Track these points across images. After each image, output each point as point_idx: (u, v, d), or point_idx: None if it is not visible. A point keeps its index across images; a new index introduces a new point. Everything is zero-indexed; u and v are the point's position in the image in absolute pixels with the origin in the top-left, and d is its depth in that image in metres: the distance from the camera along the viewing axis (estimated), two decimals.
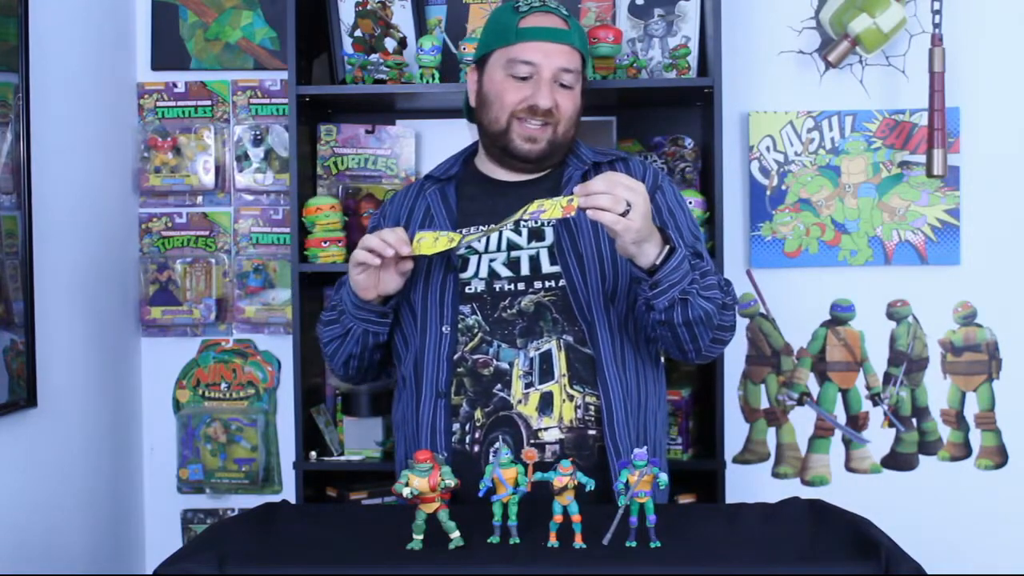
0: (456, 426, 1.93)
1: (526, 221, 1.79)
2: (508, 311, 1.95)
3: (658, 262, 1.78)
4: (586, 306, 1.93)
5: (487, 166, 2.09)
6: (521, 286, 1.95)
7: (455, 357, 1.95)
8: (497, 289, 1.95)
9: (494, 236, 1.99)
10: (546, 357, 1.93)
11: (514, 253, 1.97)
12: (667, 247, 1.79)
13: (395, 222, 2.08)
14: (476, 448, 1.91)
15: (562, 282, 1.95)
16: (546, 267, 1.96)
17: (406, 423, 2.01)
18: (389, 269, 1.90)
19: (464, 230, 1.97)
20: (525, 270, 1.96)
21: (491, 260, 1.97)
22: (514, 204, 1.84)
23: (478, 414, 1.93)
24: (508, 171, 2.05)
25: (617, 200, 1.70)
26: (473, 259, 1.98)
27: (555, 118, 1.98)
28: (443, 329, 1.95)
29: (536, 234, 1.99)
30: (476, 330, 1.95)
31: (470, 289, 1.96)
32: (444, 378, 1.93)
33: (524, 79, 1.97)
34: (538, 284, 1.95)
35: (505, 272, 1.97)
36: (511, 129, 1.98)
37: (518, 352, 1.93)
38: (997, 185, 2.80)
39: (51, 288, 2.35)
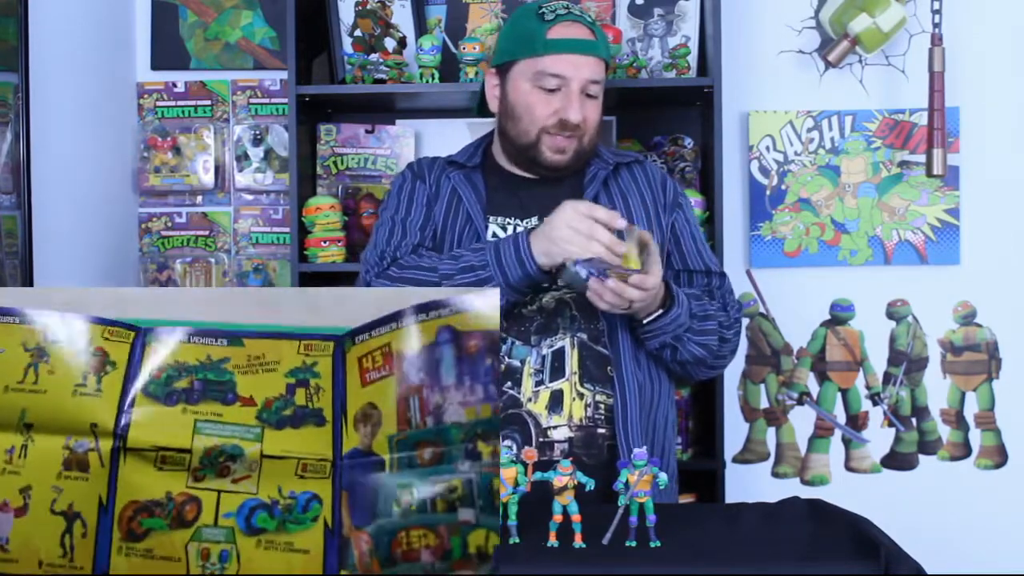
0: None
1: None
2: (528, 307, 1.94)
3: (654, 317, 1.86)
4: None
5: (507, 163, 2.07)
6: (544, 283, 1.94)
7: None
8: None
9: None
10: (558, 355, 1.92)
11: None
12: (665, 301, 1.86)
13: (428, 193, 2.04)
14: None
15: None
16: None
17: None
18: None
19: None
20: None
21: None
22: (541, 200, 1.93)
23: None
24: (528, 172, 2.04)
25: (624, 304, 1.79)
26: None
27: (582, 130, 1.96)
28: None
29: None
30: None
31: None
32: None
33: (552, 91, 1.94)
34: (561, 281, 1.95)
35: None
36: (540, 142, 1.96)
37: (531, 350, 1.93)
38: (997, 185, 2.80)
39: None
